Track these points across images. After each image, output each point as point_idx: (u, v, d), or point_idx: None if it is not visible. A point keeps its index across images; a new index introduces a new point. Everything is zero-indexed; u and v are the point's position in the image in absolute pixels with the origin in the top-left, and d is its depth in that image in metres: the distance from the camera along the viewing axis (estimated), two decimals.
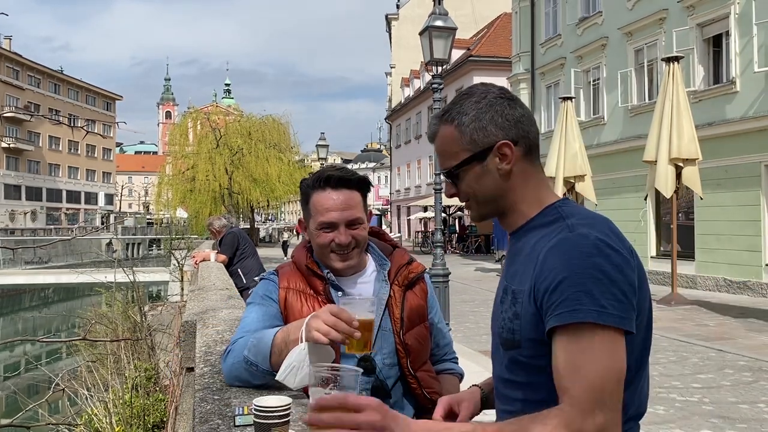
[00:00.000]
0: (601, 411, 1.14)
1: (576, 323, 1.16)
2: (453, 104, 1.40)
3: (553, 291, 1.20)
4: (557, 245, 1.23)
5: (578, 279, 1.18)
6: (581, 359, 1.16)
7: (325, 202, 1.79)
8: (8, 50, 58.44)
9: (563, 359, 1.18)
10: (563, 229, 1.27)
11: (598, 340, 1.16)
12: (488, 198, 1.38)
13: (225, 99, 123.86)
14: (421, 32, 8.69)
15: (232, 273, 7.34)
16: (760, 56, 12.71)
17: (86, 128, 4.49)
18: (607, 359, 1.16)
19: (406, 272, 1.91)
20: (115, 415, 5.51)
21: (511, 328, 1.29)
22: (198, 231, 28.86)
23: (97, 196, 72.23)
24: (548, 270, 1.21)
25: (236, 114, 36.06)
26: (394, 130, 49.90)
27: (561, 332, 1.18)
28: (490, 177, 1.36)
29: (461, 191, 1.39)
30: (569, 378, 1.17)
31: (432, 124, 1.43)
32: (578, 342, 1.17)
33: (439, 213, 8.87)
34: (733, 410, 5.29)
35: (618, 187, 16.58)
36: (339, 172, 1.82)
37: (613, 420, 1.16)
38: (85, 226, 55.93)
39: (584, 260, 1.19)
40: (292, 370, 1.57)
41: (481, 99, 1.37)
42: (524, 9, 22.16)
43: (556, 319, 1.18)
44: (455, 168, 1.36)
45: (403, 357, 1.83)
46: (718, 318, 10.30)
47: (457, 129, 1.36)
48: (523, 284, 1.28)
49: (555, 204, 1.36)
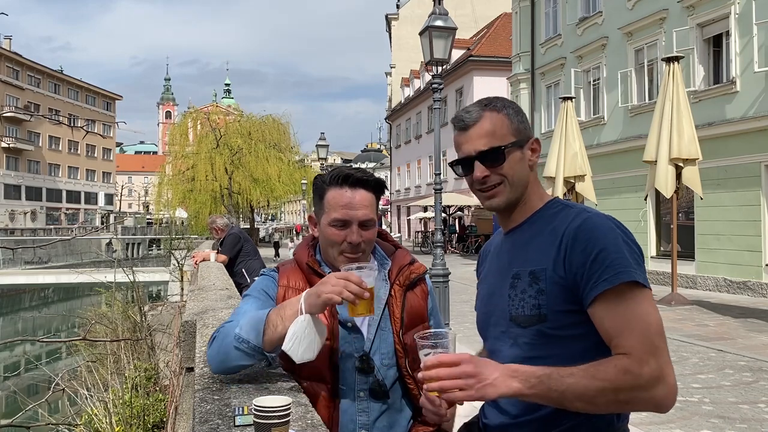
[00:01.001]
0: (654, 357, 1.33)
1: (622, 284, 1.35)
2: (489, 99, 1.59)
3: (593, 261, 1.38)
4: (583, 224, 1.43)
5: (614, 248, 1.39)
6: (631, 314, 1.35)
7: (341, 199, 1.79)
8: (8, 50, 58.42)
9: (612, 318, 1.36)
10: (579, 212, 1.48)
11: (641, 297, 1.37)
12: (520, 183, 1.55)
13: (225, 99, 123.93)
14: (421, 32, 8.68)
15: (236, 273, 7.34)
16: (760, 56, 12.70)
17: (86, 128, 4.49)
18: (653, 311, 1.38)
19: (408, 272, 1.90)
20: (115, 415, 5.51)
21: (536, 304, 1.45)
22: (198, 231, 28.87)
23: (97, 196, 72.22)
24: (581, 245, 1.41)
25: (236, 114, 36.06)
26: (394, 130, 49.89)
27: (605, 296, 1.36)
28: (524, 165, 1.56)
29: (502, 170, 1.53)
30: (622, 333, 1.35)
31: (473, 111, 1.57)
32: (626, 300, 1.36)
33: (439, 213, 8.86)
34: (733, 410, 5.29)
35: (618, 187, 16.58)
36: (358, 172, 1.84)
37: (665, 362, 1.35)
38: (85, 226, 55.97)
39: (613, 233, 1.42)
40: (296, 339, 1.59)
41: (511, 104, 1.59)
42: (524, 9, 22.16)
43: (605, 283, 1.36)
44: (507, 146, 1.52)
45: (401, 357, 1.82)
46: (718, 318, 10.30)
47: (506, 117, 1.55)
48: (544, 263, 1.46)
49: (555, 199, 1.59)
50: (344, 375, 1.78)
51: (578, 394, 1.31)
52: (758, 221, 12.73)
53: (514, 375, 1.33)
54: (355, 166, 2.55)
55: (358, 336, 1.81)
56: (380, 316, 1.83)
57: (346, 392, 1.78)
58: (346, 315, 1.78)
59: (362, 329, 1.82)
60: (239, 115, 34.82)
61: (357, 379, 1.79)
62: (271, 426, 1.32)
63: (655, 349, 1.34)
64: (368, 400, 1.79)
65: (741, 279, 13.06)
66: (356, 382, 1.78)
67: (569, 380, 1.32)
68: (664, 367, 1.34)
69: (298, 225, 42.77)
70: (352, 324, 1.81)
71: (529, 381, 1.33)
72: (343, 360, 1.79)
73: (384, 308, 1.84)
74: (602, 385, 1.31)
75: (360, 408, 1.78)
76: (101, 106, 73.67)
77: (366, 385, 1.79)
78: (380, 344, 1.82)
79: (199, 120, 34.27)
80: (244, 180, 30.79)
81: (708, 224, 13.84)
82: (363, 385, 1.79)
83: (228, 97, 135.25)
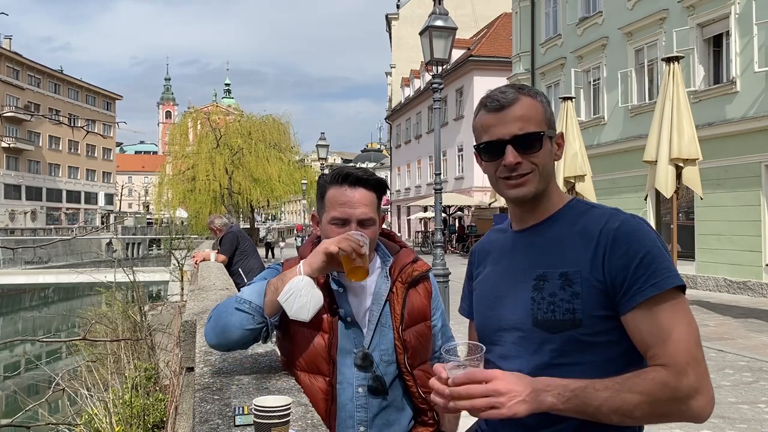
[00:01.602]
0: (693, 369, 1.26)
1: (669, 290, 1.29)
2: (523, 85, 1.53)
3: (639, 265, 1.31)
4: (622, 226, 1.36)
5: (658, 252, 1.33)
6: (673, 323, 1.29)
7: (341, 197, 1.81)
8: (8, 50, 58.39)
9: (654, 325, 1.30)
10: (614, 213, 1.40)
11: (683, 305, 1.31)
12: (548, 175, 1.48)
13: (225, 99, 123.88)
14: (421, 32, 8.68)
15: (234, 273, 7.32)
16: (761, 56, 12.70)
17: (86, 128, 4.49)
18: (693, 320, 1.31)
19: (410, 270, 1.90)
20: (115, 415, 5.51)
21: (570, 308, 1.36)
22: (198, 231, 28.84)
23: (97, 196, 72.21)
24: (623, 247, 1.33)
25: (236, 114, 36.02)
26: (394, 130, 49.88)
27: (650, 302, 1.30)
28: (552, 158, 1.50)
29: (537, 158, 1.44)
30: (663, 342, 1.28)
31: (509, 92, 1.46)
32: (669, 308, 1.30)
33: (439, 213, 8.86)
34: (733, 410, 5.30)
35: (618, 187, 16.58)
36: (358, 171, 1.85)
37: (704, 374, 1.28)
38: (85, 226, 55.95)
39: (652, 236, 1.35)
40: (292, 294, 1.67)
41: (543, 94, 1.52)
42: (524, 9, 22.16)
43: (653, 288, 1.30)
44: (544, 133, 1.45)
45: (401, 353, 1.82)
46: (718, 318, 10.30)
47: (541, 105, 1.48)
48: (579, 265, 1.37)
49: (576, 198, 1.52)
50: (343, 370, 1.79)
51: (615, 408, 1.25)
52: (758, 221, 12.73)
53: (547, 389, 1.26)
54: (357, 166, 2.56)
55: (357, 331, 1.81)
56: (380, 312, 1.83)
57: (345, 387, 1.78)
58: (345, 309, 1.81)
59: (361, 325, 1.82)
60: (239, 115, 34.80)
61: (356, 375, 1.79)
62: (271, 426, 1.32)
63: (694, 360, 1.28)
64: (367, 397, 1.79)
65: (741, 279, 13.06)
66: (355, 377, 1.79)
67: (605, 394, 1.25)
68: (702, 379, 1.28)
69: (299, 225, 42.73)
70: (351, 319, 1.81)
71: (563, 395, 1.26)
72: (342, 355, 1.79)
73: (384, 304, 1.84)
74: (640, 399, 1.25)
75: (359, 404, 1.78)
76: (101, 106, 73.65)
77: (365, 381, 1.79)
78: (380, 340, 1.82)
79: (199, 120, 34.24)
80: (244, 180, 30.77)
81: (708, 224, 13.84)
82: (362, 381, 1.79)
83: (228, 97, 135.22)
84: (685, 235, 13.96)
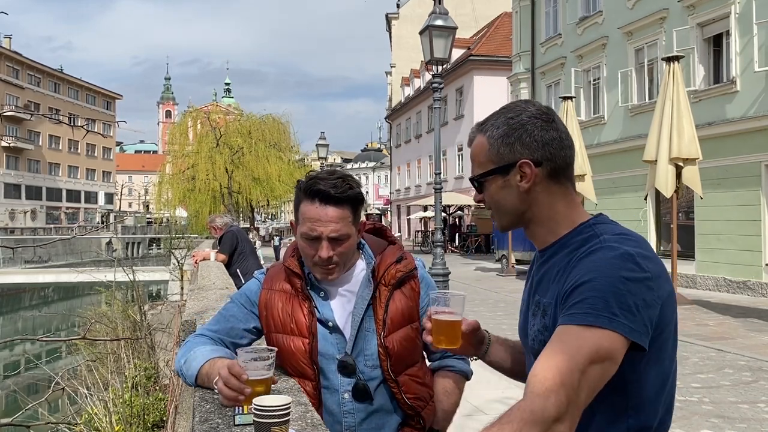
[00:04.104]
0: (555, 395, 1.09)
1: (579, 325, 1.16)
2: (491, 116, 1.43)
3: (572, 291, 1.21)
4: (587, 256, 1.26)
5: (599, 285, 1.18)
6: (558, 348, 1.15)
7: (311, 213, 1.74)
8: (8, 49, 58.40)
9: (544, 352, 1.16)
10: (596, 244, 1.27)
11: (588, 336, 1.14)
12: (509, 210, 1.41)
13: (225, 98, 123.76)
14: (421, 31, 8.69)
15: (232, 274, 7.31)
16: (761, 56, 12.70)
17: (86, 127, 4.48)
18: (585, 351, 1.12)
19: (394, 271, 1.84)
20: (114, 414, 5.51)
21: (543, 340, 1.28)
22: (198, 230, 28.87)
23: (97, 196, 72.21)
24: (573, 275, 1.24)
25: (236, 113, 36.06)
26: (394, 130, 49.90)
27: (558, 330, 1.19)
28: (511, 192, 1.39)
29: (486, 200, 1.44)
30: (536, 365, 1.14)
31: (471, 131, 1.47)
32: (563, 338, 1.16)
33: (439, 213, 8.87)
34: (733, 410, 5.29)
35: (618, 187, 16.58)
36: (331, 187, 1.73)
37: (566, 402, 1.09)
38: (85, 225, 56.00)
39: (608, 270, 1.20)
40: None
41: (516, 116, 1.38)
42: (524, 8, 22.16)
43: (569, 318, 1.18)
44: (479, 177, 1.42)
45: (384, 360, 1.78)
46: (718, 318, 10.30)
47: (488, 141, 1.40)
48: (551, 297, 1.31)
49: (589, 222, 1.36)
50: (328, 375, 1.77)
51: None
52: (758, 221, 12.73)
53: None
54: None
55: (340, 337, 1.79)
56: (362, 317, 1.79)
57: (331, 393, 1.77)
58: (325, 313, 1.80)
59: (344, 330, 1.79)
60: (239, 115, 34.84)
61: (340, 381, 1.77)
62: (271, 425, 1.32)
63: (562, 386, 1.11)
64: (353, 402, 1.77)
65: (741, 279, 13.06)
66: (340, 383, 1.77)
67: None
68: (564, 406, 1.11)
69: None
70: (332, 324, 1.79)
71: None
72: (326, 360, 1.77)
73: (368, 309, 1.80)
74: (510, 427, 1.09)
75: (345, 409, 1.77)
76: (101, 105, 73.64)
77: (349, 386, 1.77)
78: (364, 346, 1.79)
79: (199, 119, 34.27)
80: (244, 179, 30.81)
81: (708, 224, 13.84)
82: (346, 386, 1.77)
83: (228, 96, 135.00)
84: (685, 235, 13.96)
